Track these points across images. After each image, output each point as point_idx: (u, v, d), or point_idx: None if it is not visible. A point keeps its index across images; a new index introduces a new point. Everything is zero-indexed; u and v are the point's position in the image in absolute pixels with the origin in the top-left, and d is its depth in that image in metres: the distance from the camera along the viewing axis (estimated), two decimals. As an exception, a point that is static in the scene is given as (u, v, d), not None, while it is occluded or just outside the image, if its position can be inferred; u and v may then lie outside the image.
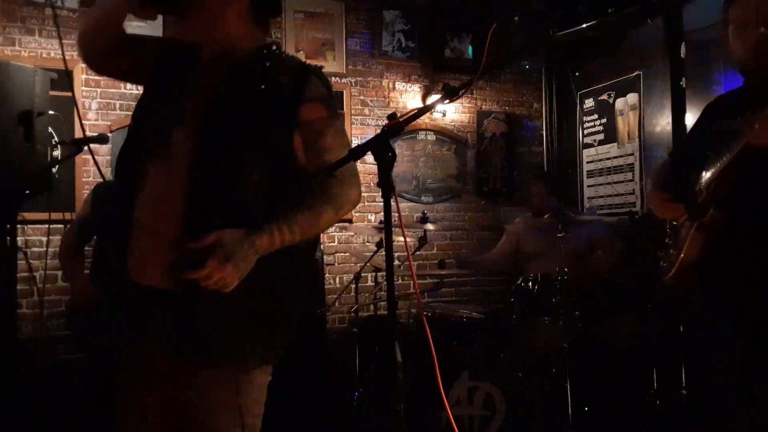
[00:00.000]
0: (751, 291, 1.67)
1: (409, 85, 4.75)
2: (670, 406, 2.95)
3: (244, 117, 1.42)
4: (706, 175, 1.71)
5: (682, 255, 1.80)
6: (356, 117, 4.56)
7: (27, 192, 3.05)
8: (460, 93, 1.49)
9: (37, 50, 3.79)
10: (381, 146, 1.39)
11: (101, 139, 2.97)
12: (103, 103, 3.93)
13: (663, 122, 4.19)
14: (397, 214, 1.40)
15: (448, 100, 1.50)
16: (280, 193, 1.42)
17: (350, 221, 4.46)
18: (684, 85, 4.35)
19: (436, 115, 4.77)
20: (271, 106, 1.43)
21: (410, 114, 1.48)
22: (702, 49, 3.90)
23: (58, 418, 3.15)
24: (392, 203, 1.40)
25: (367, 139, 1.38)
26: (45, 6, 3.77)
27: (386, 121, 1.41)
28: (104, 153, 3.78)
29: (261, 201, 1.40)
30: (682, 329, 2.99)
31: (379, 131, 1.41)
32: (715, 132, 1.76)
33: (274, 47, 1.55)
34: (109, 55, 1.55)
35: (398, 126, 1.43)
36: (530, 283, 3.14)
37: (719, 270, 1.73)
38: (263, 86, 1.44)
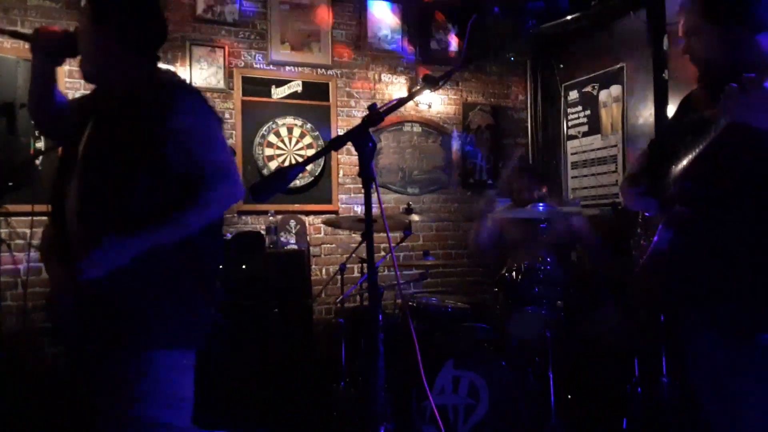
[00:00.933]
0: (715, 286, 1.67)
1: (395, 77, 4.75)
2: (651, 393, 2.99)
3: (115, 138, 1.64)
4: (676, 169, 1.73)
5: (651, 248, 1.82)
6: (342, 109, 4.56)
7: (10, 184, 3.04)
8: (441, 83, 1.51)
9: (19, 41, 3.74)
10: (361, 137, 1.40)
11: None
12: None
13: (646, 114, 4.22)
14: (378, 205, 1.42)
15: (429, 90, 1.51)
16: (157, 197, 1.62)
17: (336, 212, 4.47)
18: (667, 77, 4.40)
19: (422, 107, 4.79)
20: (139, 124, 1.63)
21: (391, 104, 1.49)
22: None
23: (41, 410, 3.14)
24: (373, 194, 1.41)
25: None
26: (27, -4, 3.73)
27: (378, 108, 1.43)
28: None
29: (137, 204, 1.61)
30: (662, 318, 3.03)
31: (361, 120, 1.43)
32: (686, 124, 1.78)
33: (153, 71, 1.77)
34: (52, 122, 1.85)
35: (378, 116, 1.45)
36: (513, 273, 3.18)
37: (685, 264, 1.74)
38: (132, 107, 1.65)
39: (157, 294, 1.63)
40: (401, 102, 1.55)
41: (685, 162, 1.69)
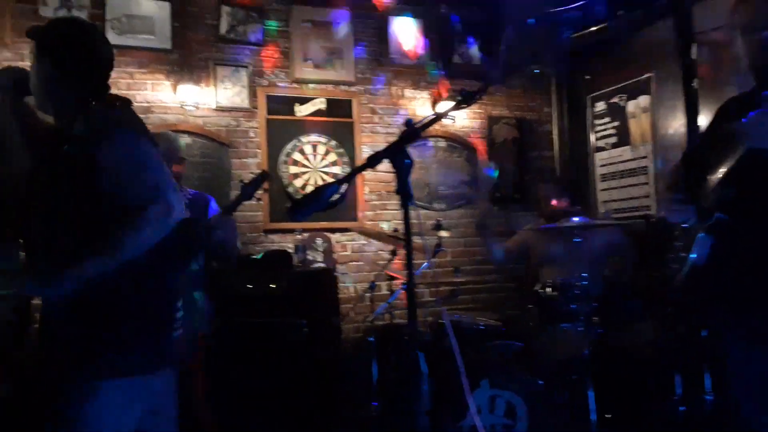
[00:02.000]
0: (757, 295, 1.64)
1: (418, 92, 4.72)
2: (694, 411, 2.89)
3: (52, 175, 1.69)
4: (713, 178, 1.70)
5: (691, 258, 1.78)
6: (365, 125, 4.54)
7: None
8: (477, 97, 1.47)
9: None
10: (398, 153, 1.37)
11: None
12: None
13: (676, 124, 4.14)
14: (414, 221, 1.38)
15: (465, 106, 1.47)
16: (95, 229, 1.63)
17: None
18: (696, 86, 4.31)
19: (447, 121, 4.75)
20: (72, 162, 1.66)
21: (427, 120, 1.46)
22: (714, 50, 3.85)
23: None
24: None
25: (379, 147, 1.37)
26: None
27: (401, 128, 1.40)
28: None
29: (74, 237, 1.64)
30: (703, 332, 2.93)
31: (388, 139, 1.40)
32: (721, 134, 1.74)
33: (92, 106, 1.78)
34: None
35: (415, 132, 1.41)
36: (548, 289, 3.10)
37: (726, 275, 1.71)
38: (68, 145, 1.68)
39: (94, 321, 1.62)
40: (437, 118, 1.52)
41: (722, 170, 1.66)
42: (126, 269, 1.61)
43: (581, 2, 3.65)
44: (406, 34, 4.67)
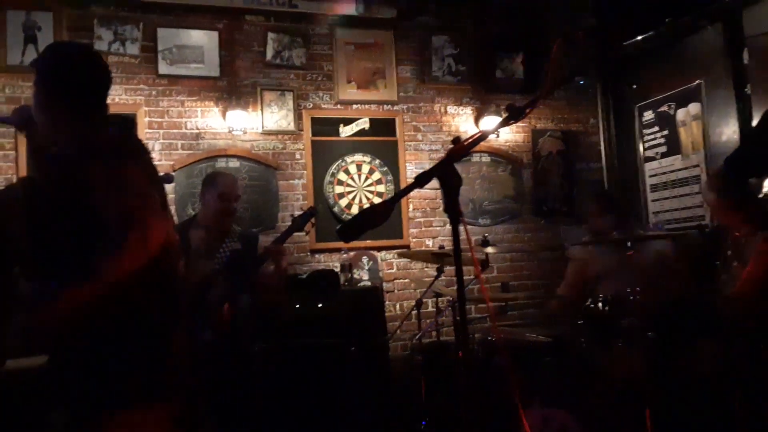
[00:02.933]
0: None
1: (461, 108, 4.73)
2: (757, 430, 2.75)
3: (50, 202, 1.72)
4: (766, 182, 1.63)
5: (748, 268, 1.70)
6: (409, 143, 4.57)
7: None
8: (526, 112, 1.46)
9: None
10: (447, 171, 1.37)
11: (166, 179, 3.06)
12: (166, 144, 4.08)
13: (729, 131, 4.01)
14: (465, 238, 1.37)
15: (513, 121, 1.47)
16: (90, 246, 1.63)
17: (408, 247, 4.44)
18: (749, 92, 4.18)
19: (491, 137, 4.73)
20: (66, 191, 1.68)
21: (475, 137, 1.46)
22: (766, 54, 3.74)
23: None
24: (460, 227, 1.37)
25: (423, 164, 1.38)
26: (108, 53, 3.96)
27: (449, 146, 1.41)
28: (168, 191, 3.89)
29: (74, 254, 1.65)
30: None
31: (432, 156, 1.41)
32: None
33: (82, 127, 1.79)
34: None
35: (463, 149, 1.41)
36: (600, 304, 3.02)
37: None
38: (62, 174, 1.70)
39: (100, 358, 1.61)
40: (484, 135, 1.51)
41: None
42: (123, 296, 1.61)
43: (625, 11, 3.60)
44: (448, 51, 4.70)
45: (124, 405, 1.60)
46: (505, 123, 1.43)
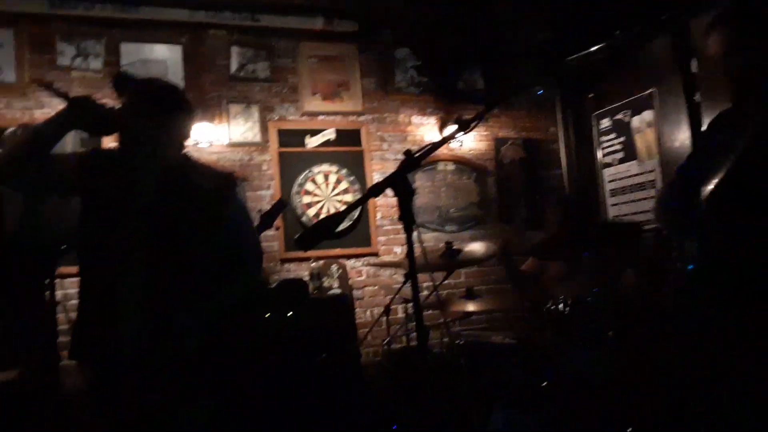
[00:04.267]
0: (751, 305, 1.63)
1: (425, 118, 4.83)
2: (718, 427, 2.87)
3: (184, 214, 1.80)
4: (707, 189, 1.71)
5: (688, 270, 1.79)
6: (375, 153, 4.65)
7: (63, 247, 3.16)
8: (472, 125, 1.55)
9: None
10: (399, 182, 1.45)
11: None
12: (132, 158, 4.07)
13: (681, 137, 4.18)
14: (419, 247, 1.44)
15: (462, 133, 1.55)
16: (210, 272, 1.81)
17: (376, 255, 4.50)
18: (698, 99, 4.35)
19: (454, 145, 4.84)
20: (206, 206, 1.82)
21: (426, 148, 1.54)
22: (713, 63, 3.91)
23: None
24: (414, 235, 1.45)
25: (388, 173, 1.45)
26: (70, 69, 3.96)
27: (415, 149, 1.49)
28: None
29: (196, 278, 1.79)
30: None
31: (397, 165, 1.48)
32: (715, 146, 1.76)
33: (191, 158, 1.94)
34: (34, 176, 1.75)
35: (414, 161, 1.49)
36: (561, 306, 3.13)
37: (721, 281, 1.71)
38: (192, 190, 1.83)
39: None
40: (435, 146, 1.59)
41: (716, 180, 1.67)
42: None
43: (578, 24, 3.74)
44: (411, 63, 4.80)
45: None
46: (453, 135, 1.51)
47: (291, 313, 3.70)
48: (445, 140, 1.58)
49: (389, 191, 1.46)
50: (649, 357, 3.16)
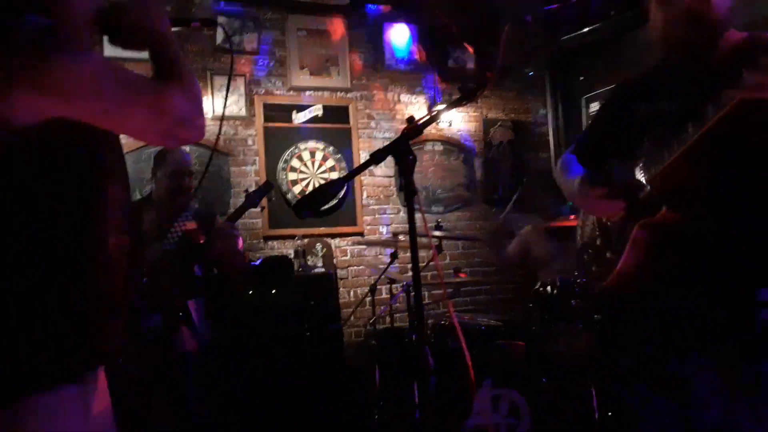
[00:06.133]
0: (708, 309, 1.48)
1: (414, 96, 4.76)
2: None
3: None
4: (652, 167, 1.48)
5: (622, 260, 1.53)
6: (363, 130, 4.57)
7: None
8: (477, 94, 1.49)
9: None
10: (401, 149, 1.39)
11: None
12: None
13: (670, 121, 4.17)
14: (411, 222, 1.39)
15: (465, 101, 1.50)
16: None
17: (362, 234, 4.45)
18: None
19: (443, 125, 4.78)
20: None
21: (429, 117, 1.48)
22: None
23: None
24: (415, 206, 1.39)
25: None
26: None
27: (400, 130, 1.42)
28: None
29: None
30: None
31: (385, 144, 1.42)
32: (653, 115, 1.55)
33: None
34: None
35: (417, 129, 1.43)
36: (548, 288, 3.12)
37: (667, 282, 1.52)
38: None
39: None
40: (438, 114, 1.54)
41: (669, 157, 1.40)
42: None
43: (573, 1, 3.70)
44: (401, 40, 4.71)
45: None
46: (457, 103, 1.46)
47: (274, 290, 3.64)
48: (448, 108, 1.52)
49: (380, 167, 1.40)
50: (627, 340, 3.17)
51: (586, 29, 4.44)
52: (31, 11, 1.08)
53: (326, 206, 1.39)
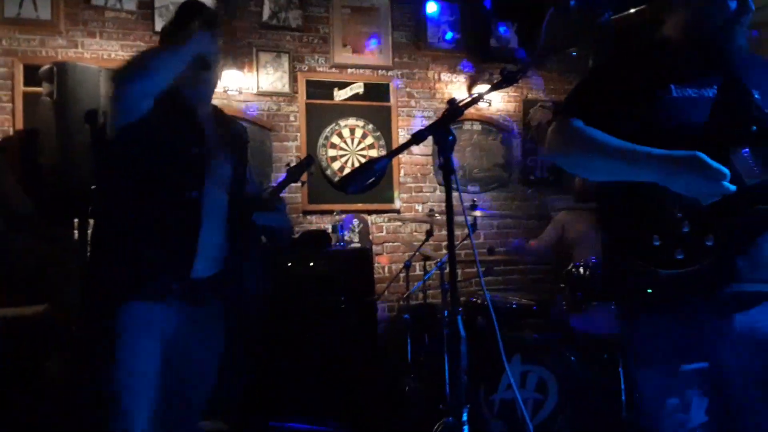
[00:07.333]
0: None
1: (455, 75, 4.78)
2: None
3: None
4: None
5: None
6: (402, 109, 4.62)
7: (93, 187, 3.21)
8: (518, 77, 1.53)
9: (98, 52, 3.98)
10: (442, 130, 1.45)
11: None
12: (161, 101, 4.09)
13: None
14: (457, 197, 1.45)
15: (506, 84, 1.53)
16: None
17: (398, 211, 4.53)
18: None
19: (482, 105, 4.80)
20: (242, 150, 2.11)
21: (470, 99, 1.54)
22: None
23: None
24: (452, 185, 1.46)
25: (415, 131, 1.44)
26: (104, 9, 3.96)
27: (440, 110, 1.48)
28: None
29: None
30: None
31: (425, 123, 1.48)
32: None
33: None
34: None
35: (458, 110, 1.49)
36: (581, 269, 3.15)
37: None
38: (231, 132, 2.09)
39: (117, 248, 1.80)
40: (480, 96, 1.60)
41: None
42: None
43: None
44: (443, 18, 4.72)
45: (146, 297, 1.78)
46: (497, 87, 1.50)
47: (312, 263, 3.77)
48: (490, 91, 1.56)
49: (418, 146, 1.47)
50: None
51: (632, 10, 4.36)
52: None
53: (369, 182, 1.44)
